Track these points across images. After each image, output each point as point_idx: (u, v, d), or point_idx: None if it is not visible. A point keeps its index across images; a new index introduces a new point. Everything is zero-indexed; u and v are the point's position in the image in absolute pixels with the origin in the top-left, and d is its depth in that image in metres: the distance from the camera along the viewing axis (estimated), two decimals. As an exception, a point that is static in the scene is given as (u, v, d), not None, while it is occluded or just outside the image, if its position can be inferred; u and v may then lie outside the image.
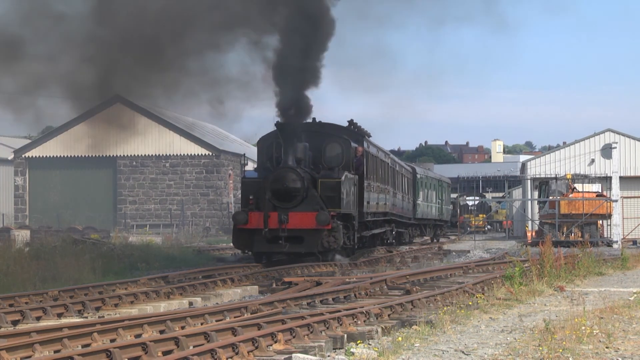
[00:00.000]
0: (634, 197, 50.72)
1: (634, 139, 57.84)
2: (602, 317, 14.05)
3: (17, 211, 61.72)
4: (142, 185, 61.25)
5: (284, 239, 25.94)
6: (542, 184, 51.10)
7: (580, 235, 43.58)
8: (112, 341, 12.24)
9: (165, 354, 11.14)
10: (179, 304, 17.94)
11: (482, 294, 17.95)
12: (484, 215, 76.55)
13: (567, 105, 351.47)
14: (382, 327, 13.51)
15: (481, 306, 15.93)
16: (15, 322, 14.88)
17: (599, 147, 57.17)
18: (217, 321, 14.36)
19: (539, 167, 58.51)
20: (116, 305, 17.09)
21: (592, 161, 57.17)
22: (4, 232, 39.43)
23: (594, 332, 12.48)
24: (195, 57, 29.32)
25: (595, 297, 17.65)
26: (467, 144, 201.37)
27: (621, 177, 50.65)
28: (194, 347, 11.42)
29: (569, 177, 49.67)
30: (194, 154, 61.41)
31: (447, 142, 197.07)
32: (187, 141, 61.66)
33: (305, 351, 11.57)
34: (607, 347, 11.61)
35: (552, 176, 51.88)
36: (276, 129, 26.78)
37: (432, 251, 37.89)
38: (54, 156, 61.52)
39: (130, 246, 32.66)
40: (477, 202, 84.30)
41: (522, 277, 18.84)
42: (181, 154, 61.37)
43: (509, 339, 12.49)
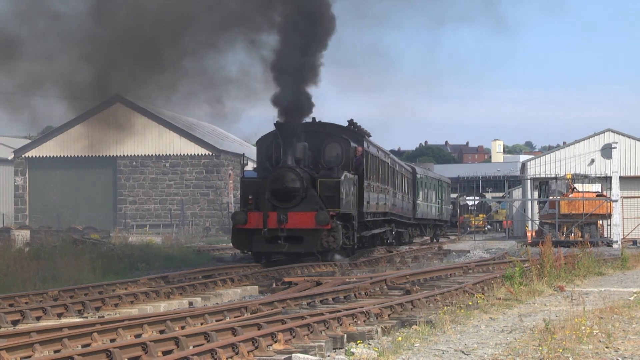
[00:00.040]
0: (634, 197, 50.70)
1: (634, 139, 57.83)
2: (602, 317, 14.04)
3: (17, 211, 61.72)
4: (142, 185, 61.24)
5: (283, 239, 25.90)
6: (542, 184, 51.09)
7: (580, 235, 43.58)
8: (112, 341, 12.24)
9: (165, 354, 11.14)
10: (179, 304, 17.93)
11: (482, 294, 17.95)
12: (484, 215, 76.57)
13: (567, 105, 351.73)
14: (382, 327, 13.50)
15: (481, 306, 15.93)
16: (15, 322, 14.88)
17: (599, 147, 57.17)
18: (217, 321, 14.36)
19: (539, 167, 58.50)
20: (116, 305, 17.09)
21: (592, 161, 57.17)
22: (4, 232, 39.44)
23: (594, 332, 12.48)
24: (193, 57, 29.32)
25: (595, 297, 17.64)
26: (467, 144, 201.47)
27: (621, 177, 50.65)
28: (194, 347, 11.42)
29: (569, 177, 49.66)
30: (194, 154, 61.40)
31: (447, 142, 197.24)
32: (187, 141, 61.65)
33: (305, 351, 11.57)
34: (607, 347, 11.61)
35: (552, 176, 51.88)
36: (275, 128, 26.77)
37: (432, 251, 37.87)
38: (54, 156, 61.50)
39: (130, 246, 32.66)
40: (477, 202, 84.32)
41: (522, 277, 18.83)
42: (181, 154, 61.36)
43: (509, 339, 12.49)
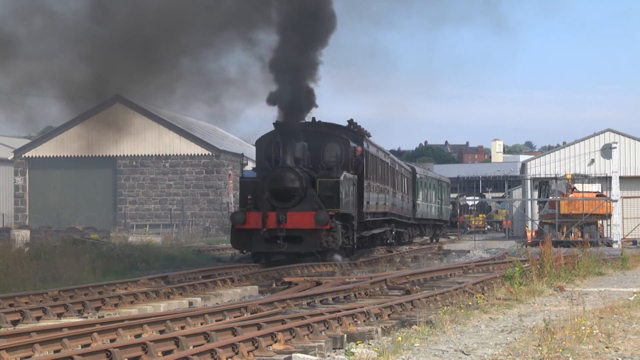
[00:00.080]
0: (634, 197, 50.70)
1: (634, 139, 57.83)
2: (602, 317, 14.04)
3: (17, 211, 61.73)
4: (142, 185, 61.25)
5: (283, 238, 25.87)
6: (542, 184, 51.09)
7: (580, 235, 43.58)
8: (112, 341, 12.24)
9: (165, 354, 11.14)
10: (179, 304, 17.93)
11: (482, 294, 17.95)
12: (484, 215, 76.57)
13: (567, 105, 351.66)
14: (382, 327, 13.50)
15: (481, 306, 15.93)
16: (15, 322, 14.87)
17: (599, 147, 57.18)
18: (217, 321, 14.36)
19: (539, 167, 58.51)
20: (116, 305, 17.08)
21: (592, 161, 57.17)
22: (4, 232, 39.45)
23: (594, 332, 12.48)
24: (192, 57, 29.29)
25: (595, 297, 17.64)
26: (467, 144, 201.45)
27: (621, 177, 50.70)
28: (194, 347, 11.42)
29: (569, 177, 49.66)
30: (194, 154, 61.41)
31: (447, 142, 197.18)
32: (187, 141, 61.66)
33: (305, 351, 11.56)
34: (607, 347, 11.61)
35: (552, 176, 51.88)
36: (274, 128, 26.75)
37: (432, 251, 37.87)
38: (54, 156, 61.51)
39: (130, 246, 32.67)
40: (477, 202, 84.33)
41: (522, 277, 18.83)
42: (181, 154, 61.37)
43: (508, 339, 12.48)
